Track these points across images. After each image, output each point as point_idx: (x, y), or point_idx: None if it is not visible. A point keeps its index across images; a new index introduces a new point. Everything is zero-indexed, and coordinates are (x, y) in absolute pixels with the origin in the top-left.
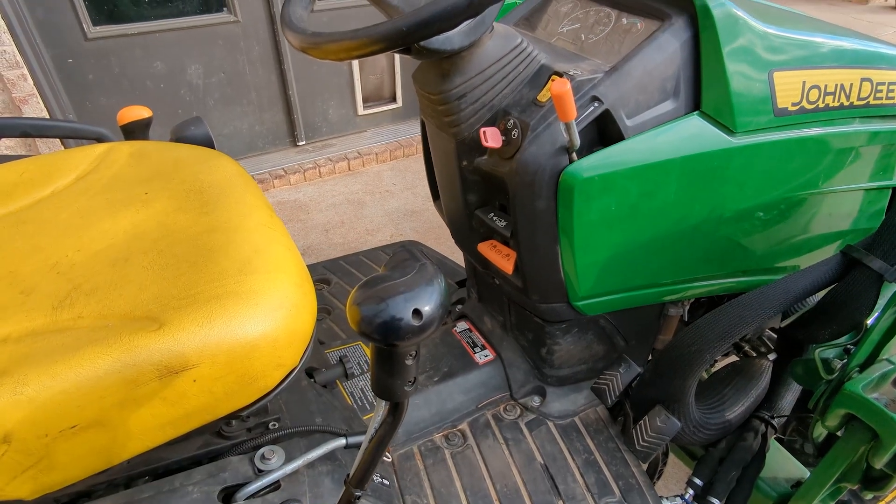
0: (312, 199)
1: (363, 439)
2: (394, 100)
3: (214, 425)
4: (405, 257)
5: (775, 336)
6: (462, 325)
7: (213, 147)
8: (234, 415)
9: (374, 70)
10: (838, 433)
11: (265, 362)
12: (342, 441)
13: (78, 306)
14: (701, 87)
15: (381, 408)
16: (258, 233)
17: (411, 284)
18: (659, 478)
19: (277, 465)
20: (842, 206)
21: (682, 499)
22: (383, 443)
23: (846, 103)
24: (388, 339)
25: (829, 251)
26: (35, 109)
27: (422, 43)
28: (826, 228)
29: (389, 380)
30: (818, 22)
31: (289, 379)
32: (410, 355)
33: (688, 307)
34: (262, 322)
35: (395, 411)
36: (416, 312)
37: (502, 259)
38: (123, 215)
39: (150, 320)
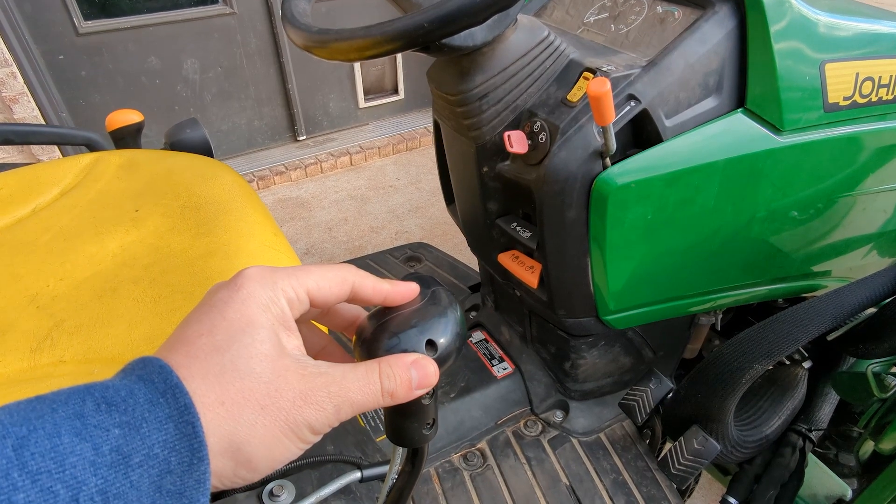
0: (314, 196)
1: (379, 472)
2: (396, 92)
3: None
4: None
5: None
6: (478, 336)
7: (210, 151)
8: None
9: (375, 61)
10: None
11: None
12: (357, 474)
13: (60, 348)
14: (746, 82)
15: (398, 455)
16: (261, 256)
17: (423, 314)
18: (689, 496)
19: (287, 501)
20: (879, 206)
21: None
22: (403, 495)
23: None
24: None
25: (863, 253)
26: (26, 108)
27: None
28: (862, 230)
29: (405, 423)
30: (870, 7)
31: None
32: (428, 394)
33: (720, 315)
34: None
35: (415, 458)
36: (430, 344)
37: (526, 272)
38: (111, 237)
39: None
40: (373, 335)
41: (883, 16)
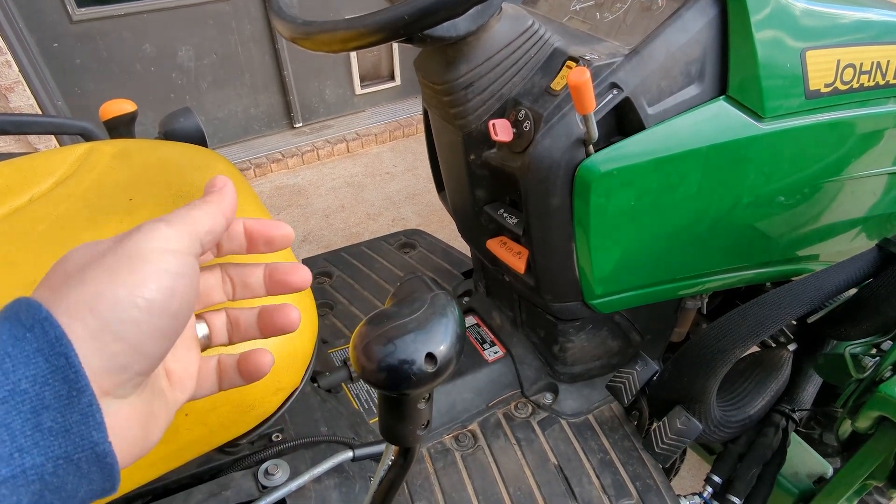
0: (311, 184)
1: (370, 451)
2: (392, 78)
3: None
4: (414, 288)
5: (794, 323)
6: (470, 321)
7: (204, 140)
8: (232, 443)
9: (371, 48)
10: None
11: (263, 388)
12: (349, 454)
13: None
14: (728, 70)
15: (390, 449)
16: None
17: (422, 322)
18: (675, 475)
19: (282, 480)
20: (865, 190)
21: (700, 497)
22: (394, 486)
23: (881, 82)
24: (398, 388)
25: (850, 237)
26: (21, 97)
27: None
28: (848, 214)
29: (399, 425)
30: None
31: (289, 402)
32: (423, 399)
33: (706, 299)
34: (259, 346)
35: (407, 454)
36: (430, 357)
37: (513, 257)
38: (106, 226)
39: None
40: (369, 342)
41: (868, 3)
